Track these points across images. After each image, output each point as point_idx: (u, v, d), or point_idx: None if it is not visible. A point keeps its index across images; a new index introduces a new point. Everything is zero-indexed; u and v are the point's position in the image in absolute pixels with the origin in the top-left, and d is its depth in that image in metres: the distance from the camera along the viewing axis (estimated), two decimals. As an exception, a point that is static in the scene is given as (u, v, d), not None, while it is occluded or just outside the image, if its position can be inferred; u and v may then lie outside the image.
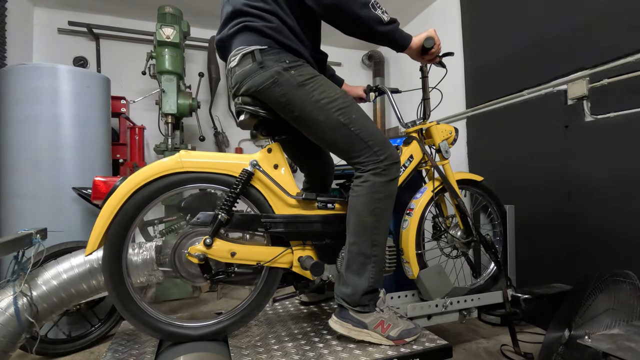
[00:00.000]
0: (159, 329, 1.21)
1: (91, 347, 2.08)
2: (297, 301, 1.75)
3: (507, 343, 1.93)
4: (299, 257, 1.30)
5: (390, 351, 1.21)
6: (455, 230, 1.76)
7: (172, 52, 2.90)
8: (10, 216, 2.12)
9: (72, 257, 1.71)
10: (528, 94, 2.30)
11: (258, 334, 1.37)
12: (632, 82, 1.75)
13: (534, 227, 2.23)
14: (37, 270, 1.65)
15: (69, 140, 2.19)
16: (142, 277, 1.76)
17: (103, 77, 2.45)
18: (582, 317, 1.51)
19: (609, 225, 1.86)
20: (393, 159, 1.27)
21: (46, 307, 1.61)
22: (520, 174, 2.38)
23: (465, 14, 2.94)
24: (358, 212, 1.25)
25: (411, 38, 1.31)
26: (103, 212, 1.13)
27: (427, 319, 1.67)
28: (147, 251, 1.76)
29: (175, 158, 1.20)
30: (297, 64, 1.23)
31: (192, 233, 1.26)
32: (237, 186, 1.22)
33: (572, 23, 2.06)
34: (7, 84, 2.15)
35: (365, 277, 1.24)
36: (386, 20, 1.21)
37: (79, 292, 1.68)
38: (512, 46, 2.45)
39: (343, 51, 4.28)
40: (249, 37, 1.23)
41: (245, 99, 1.27)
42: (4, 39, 2.78)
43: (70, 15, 3.34)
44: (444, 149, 1.70)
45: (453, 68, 2.73)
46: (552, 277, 2.10)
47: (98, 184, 1.43)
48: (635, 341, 1.02)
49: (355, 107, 1.27)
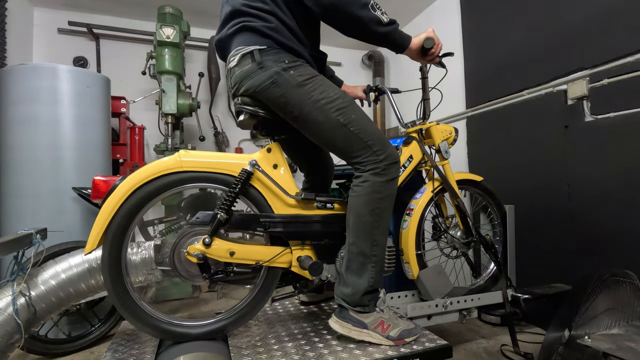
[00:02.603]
0: (157, 328, 1.21)
1: (91, 347, 2.08)
2: (297, 301, 1.75)
3: (507, 343, 1.93)
4: (298, 257, 1.30)
5: (390, 351, 1.21)
6: (455, 230, 1.76)
7: (172, 52, 2.90)
8: (10, 216, 2.12)
9: (71, 257, 1.71)
10: (528, 94, 2.30)
11: (258, 333, 1.37)
12: (632, 82, 1.75)
13: (534, 227, 2.23)
14: (36, 270, 1.65)
15: (69, 140, 2.19)
16: (141, 276, 1.76)
17: (103, 77, 2.45)
18: (582, 317, 1.51)
19: (609, 225, 1.86)
20: (392, 159, 1.27)
21: (45, 307, 1.60)
22: (520, 174, 2.37)
23: (465, 14, 2.94)
24: (358, 212, 1.25)
25: (410, 39, 1.31)
26: (102, 211, 1.13)
27: (427, 319, 1.67)
28: (145, 250, 1.76)
29: (174, 157, 1.20)
30: (296, 64, 1.23)
31: (191, 232, 1.26)
32: (236, 186, 1.22)
33: (572, 23, 2.06)
34: (7, 84, 2.15)
35: (365, 277, 1.24)
36: (386, 21, 1.21)
37: (77, 292, 1.68)
38: (512, 46, 2.45)
39: (343, 51, 4.29)
40: (248, 37, 1.23)
41: (245, 99, 1.27)
42: (4, 39, 2.78)
43: (70, 15, 3.34)
44: (443, 149, 1.70)
45: (453, 68, 2.73)
46: (552, 277, 2.10)
47: (98, 183, 1.43)
48: (635, 341, 1.02)
49: (354, 107, 1.27)
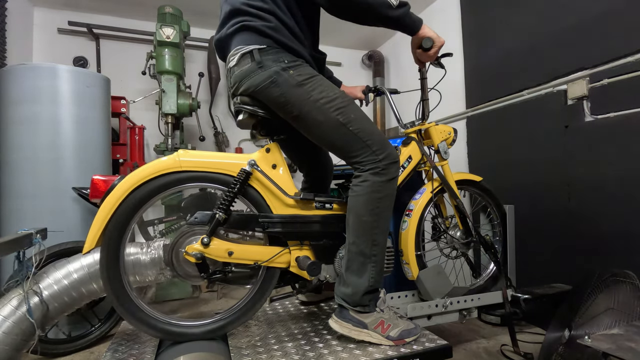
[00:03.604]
0: (156, 328, 1.21)
1: (91, 347, 2.08)
2: (297, 301, 1.75)
3: (507, 343, 1.93)
4: (296, 257, 1.30)
5: (391, 351, 1.21)
6: (455, 230, 1.76)
7: (172, 52, 2.90)
8: (10, 216, 2.12)
9: (83, 257, 1.72)
10: (528, 94, 2.30)
11: (258, 333, 1.37)
12: (632, 82, 1.75)
13: (534, 227, 2.23)
14: (48, 269, 1.67)
15: (69, 140, 2.19)
16: (151, 276, 1.76)
17: (103, 77, 2.46)
18: (582, 317, 1.51)
19: (609, 225, 1.86)
20: (392, 159, 1.27)
21: (57, 306, 1.62)
22: (520, 174, 2.37)
23: (465, 14, 2.94)
24: (357, 211, 1.25)
25: (422, 22, 1.31)
26: (101, 211, 1.13)
27: (427, 319, 1.67)
28: (155, 250, 1.76)
29: (173, 157, 1.20)
30: (295, 64, 1.23)
31: (190, 232, 1.26)
32: (235, 186, 1.22)
33: (572, 23, 2.05)
34: (7, 84, 2.15)
35: (365, 277, 1.24)
36: (395, 4, 1.20)
37: (89, 292, 1.70)
38: (512, 46, 2.45)
39: (343, 51, 4.28)
40: (248, 36, 1.22)
41: (244, 99, 1.27)
42: (4, 39, 2.78)
43: (70, 15, 3.34)
44: (442, 150, 1.69)
45: (453, 68, 2.73)
46: (552, 277, 2.10)
47: (96, 183, 1.42)
48: (635, 341, 1.02)
49: (353, 106, 1.27)
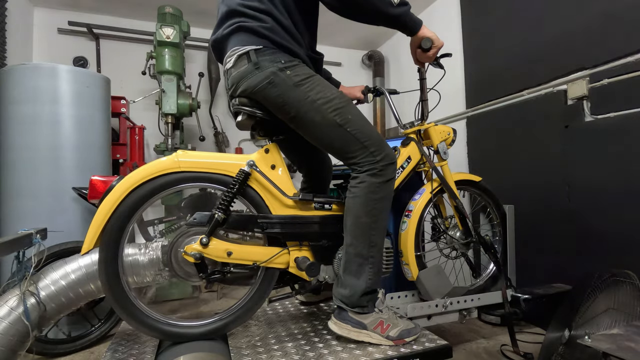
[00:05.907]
0: (155, 328, 1.21)
1: (91, 347, 2.08)
2: (297, 301, 1.75)
3: (507, 343, 1.92)
4: (295, 258, 1.30)
5: (390, 351, 1.21)
6: (455, 231, 1.75)
7: (172, 52, 2.90)
8: (10, 216, 2.12)
9: (81, 257, 1.71)
10: (528, 94, 2.29)
11: (258, 333, 1.37)
12: (632, 82, 1.75)
13: (534, 227, 2.22)
14: (45, 269, 1.66)
15: (68, 140, 2.20)
16: (149, 276, 1.76)
17: (103, 77, 2.46)
18: (582, 317, 1.50)
19: (609, 225, 1.85)
20: (389, 160, 1.26)
21: (55, 307, 1.61)
22: (520, 174, 2.37)
23: (465, 14, 2.93)
24: (355, 213, 1.24)
25: (422, 22, 1.30)
26: (99, 211, 1.13)
27: (427, 319, 1.67)
28: (153, 251, 1.76)
29: (172, 158, 1.20)
30: (292, 64, 1.22)
31: (189, 232, 1.26)
32: (234, 186, 1.22)
33: (572, 23, 2.05)
34: (7, 84, 2.15)
35: (363, 278, 1.24)
36: (396, 2, 1.20)
37: (87, 293, 1.69)
38: (512, 46, 2.44)
39: (343, 51, 4.28)
40: (244, 37, 1.22)
41: (242, 100, 1.26)
42: (4, 39, 2.79)
43: (70, 15, 3.34)
44: (442, 150, 1.69)
45: (453, 68, 2.73)
46: (552, 277, 2.09)
47: (95, 183, 1.42)
48: (635, 341, 1.01)
49: (351, 107, 1.27)
